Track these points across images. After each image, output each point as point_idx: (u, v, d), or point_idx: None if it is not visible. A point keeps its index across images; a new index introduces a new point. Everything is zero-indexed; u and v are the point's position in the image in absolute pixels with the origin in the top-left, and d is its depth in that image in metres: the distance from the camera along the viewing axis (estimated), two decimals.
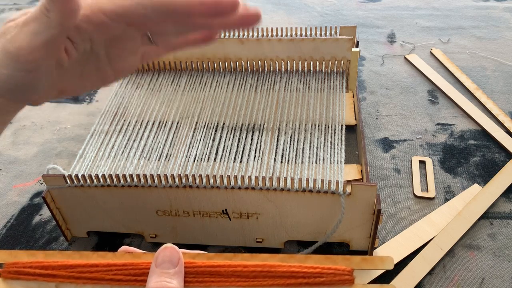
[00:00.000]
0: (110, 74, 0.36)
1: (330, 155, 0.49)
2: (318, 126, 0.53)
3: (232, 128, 0.54)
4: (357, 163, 0.58)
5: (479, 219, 0.52)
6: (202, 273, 0.29)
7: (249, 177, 0.45)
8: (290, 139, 0.51)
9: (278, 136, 0.52)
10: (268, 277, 0.28)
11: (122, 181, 0.46)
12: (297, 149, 0.50)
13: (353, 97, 0.67)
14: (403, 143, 0.63)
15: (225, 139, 0.52)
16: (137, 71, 0.63)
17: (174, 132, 0.54)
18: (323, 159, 0.49)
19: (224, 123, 0.54)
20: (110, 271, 0.29)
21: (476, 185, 0.56)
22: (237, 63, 0.61)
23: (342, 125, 0.52)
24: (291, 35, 0.65)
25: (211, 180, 0.45)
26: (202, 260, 0.30)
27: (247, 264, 0.29)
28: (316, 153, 0.49)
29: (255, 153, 0.50)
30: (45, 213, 0.56)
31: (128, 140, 0.53)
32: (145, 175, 0.45)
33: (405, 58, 0.81)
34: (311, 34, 0.65)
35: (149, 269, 0.29)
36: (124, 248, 0.32)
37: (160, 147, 0.52)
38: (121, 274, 0.29)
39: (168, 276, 0.28)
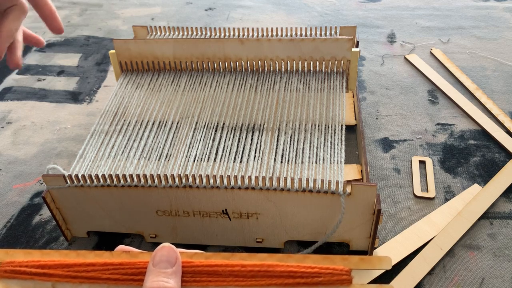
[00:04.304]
0: None
1: (330, 155, 0.49)
2: (318, 126, 0.53)
3: (232, 128, 0.54)
4: (357, 163, 0.58)
5: (479, 219, 0.52)
6: (199, 272, 0.29)
7: (249, 177, 0.45)
8: (290, 139, 0.51)
9: (278, 136, 0.52)
10: (266, 276, 0.28)
11: (122, 181, 0.46)
12: (297, 149, 0.50)
13: (353, 97, 0.67)
14: (403, 143, 0.63)
15: (225, 139, 0.52)
16: (137, 71, 0.63)
17: (174, 132, 0.54)
18: (323, 159, 0.48)
19: (224, 123, 0.54)
20: (107, 270, 0.29)
21: (476, 185, 0.56)
22: (237, 63, 0.61)
23: (342, 125, 0.52)
24: (291, 35, 0.65)
25: (211, 180, 0.45)
26: (199, 259, 0.30)
27: (245, 263, 0.29)
28: (316, 153, 0.49)
29: (255, 153, 0.50)
30: (45, 213, 0.56)
31: (128, 140, 0.53)
32: (145, 175, 0.45)
33: (405, 58, 0.81)
34: (311, 34, 0.65)
35: (146, 268, 0.29)
36: (121, 247, 0.32)
37: (160, 147, 0.52)
38: (118, 274, 0.29)
39: (165, 276, 0.28)
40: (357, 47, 0.63)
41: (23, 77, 0.82)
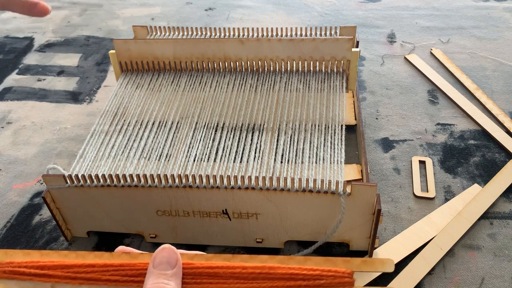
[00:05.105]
0: None
1: (330, 155, 0.49)
2: (318, 126, 0.53)
3: (232, 128, 0.54)
4: (357, 163, 0.58)
5: (479, 219, 0.52)
6: (200, 274, 0.29)
7: (249, 177, 0.45)
8: (290, 139, 0.51)
9: (278, 136, 0.52)
10: (267, 279, 0.28)
11: (122, 181, 0.46)
12: (297, 149, 0.50)
13: (353, 97, 0.67)
14: (403, 143, 0.63)
15: (225, 139, 0.52)
16: (137, 71, 0.63)
17: (174, 132, 0.54)
18: (323, 159, 0.48)
19: (224, 123, 0.54)
20: (107, 271, 0.29)
21: (476, 185, 0.56)
22: (237, 63, 0.61)
23: (342, 125, 0.52)
24: (291, 35, 0.65)
25: (211, 180, 0.45)
26: (200, 261, 0.29)
27: (246, 265, 0.29)
28: (316, 153, 0.49)
29: (255, 153, 0.50)
30: (45, 213, 0.56)
31: (128, 140, 0.53)
32: (145, 175, 0.45)
33: (405, 58, 0.81)
34: (311, 34, 0.65)
35: (147, 270, 0.29)
36: (121, 248, 0.32)
37: (160, 147, 0.52)
38: (117, 275, 0.29)
39: (165, 278, 0.28)
40: (357, 47, 0.63)
41: (23, 77, 0.82)
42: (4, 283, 0.30)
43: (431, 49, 0.82)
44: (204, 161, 0.50)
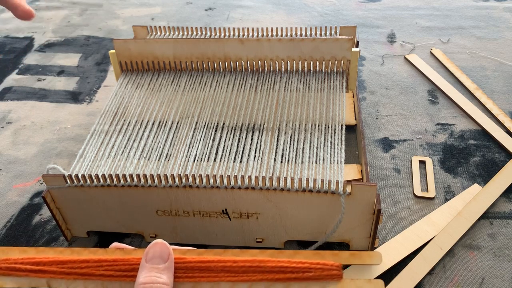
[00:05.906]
0: None
1: (330, 155, 0.49)
2: (318, 126, 0.53)
3: (232, 128, 0.54)
4: (357, 163, 0.58)
5: (479, 219, 0.52)
6: (192, 268, 0.29)
7: (249, 177, 0.45)
8: (290, 139, 0.51)
9: (278, 136, 0.52)
10: (257, 272, 0.29)
11: (122, 181, 0.46)
12: (297, 149, 0.50)
13: (353, 97, 0.67)
14: (403, 143, 0.63)
15: (225, 139, 0.52)
16: (137, 71, 0.63)
17: (174, 132, 0.54)
18: (323, 159, 0.49)
19: (224, 123, 0.54)
20: (101, 266, 0.29)
21: (476, 185, 0.56)
22: (237, 63, 0.61)
23: (342, 125, 0.52)
24: (291, 35, 0.65)
25: (211, 180, 0.45)
26: (192, 255, 0.30)
27: (237, 259, 0.29)
28: (316, 153, 0.49)
29: (255, 153, 0.50)
30: (45, 213, 0.56)
31: (128, 140, 0.53)
32: (145, 175, 0.45)
33: (405, 58, 0.81)
34: (311, 34, 0.65)
35: (139, 264, 0.29)
36: (115, 244, 0.32)
37: (160, 147, 0.52)
38: (111, 270, 0.29)
39: (157, 271, 0.28)
40: (357, 47, 0.63)
41: (23, 77, 0.82)
42: (0, 279, 0.30)
43: (431, 49, 0.82)
44: (204, 161, 0.50)
